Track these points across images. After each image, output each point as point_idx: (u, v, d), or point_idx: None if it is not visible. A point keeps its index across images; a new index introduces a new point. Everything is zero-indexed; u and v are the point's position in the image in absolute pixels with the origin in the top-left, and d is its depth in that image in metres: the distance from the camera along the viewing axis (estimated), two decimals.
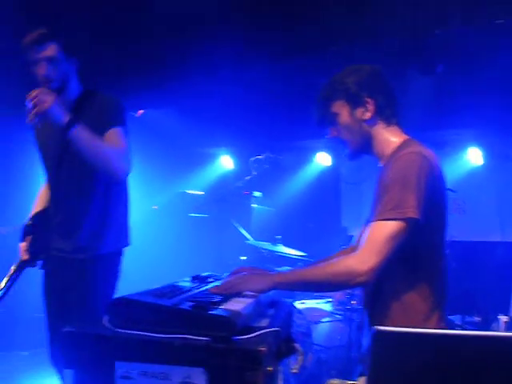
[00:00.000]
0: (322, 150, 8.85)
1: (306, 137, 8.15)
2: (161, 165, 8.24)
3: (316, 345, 5.69)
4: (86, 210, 3.73)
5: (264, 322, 2.33)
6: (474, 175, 8.40)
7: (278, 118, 7.45)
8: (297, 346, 2.44)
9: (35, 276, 4.02)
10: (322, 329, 5.93)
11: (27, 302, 7.38)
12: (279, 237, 6.46)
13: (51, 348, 3.83)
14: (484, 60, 5.62)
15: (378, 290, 2.66)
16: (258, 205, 7.76)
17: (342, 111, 2.79)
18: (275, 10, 5.37)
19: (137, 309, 2.13)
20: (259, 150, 6.63)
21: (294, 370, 2.33)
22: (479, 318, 7.37)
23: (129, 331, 2.09)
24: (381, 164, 2.80)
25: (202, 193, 8.38)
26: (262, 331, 2.11)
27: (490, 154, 8.24)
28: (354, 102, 2.77)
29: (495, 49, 5.28)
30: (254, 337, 2.05)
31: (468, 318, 7.51)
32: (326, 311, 6.14)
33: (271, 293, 2.62)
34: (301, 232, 8.07)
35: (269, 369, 1.99)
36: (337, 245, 6.95)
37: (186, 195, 8.27)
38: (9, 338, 7.15)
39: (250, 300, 2.41)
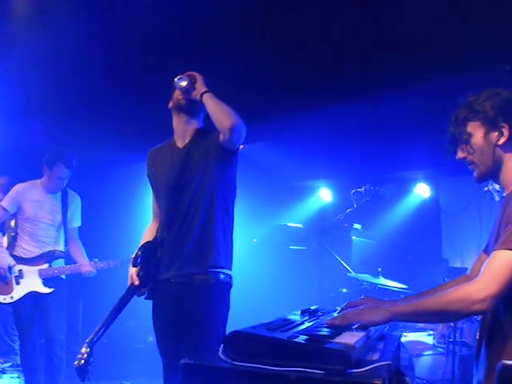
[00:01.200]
0: (421, 181, 8.77)
1: (406, 168, 8.11)
2: (261, 198, 8.32)
3: (418, 378, 5.62)
4: (207, 236, 3.88)
5: (375, 356, 2.35)
6: None
7: (378, 150, 7.44)
8: (407, 379, 2.44)
9: (137, 307, 4.13)
10: (425, 362, 5.86)
11: (130, 333, 7.56)
12: (380, 269, 6.43)
13: (165, 378, 3.93)
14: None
15: (497, 323, 2.61)
16: (358, 237, 7.74)
17: (477, 132, 2.77)
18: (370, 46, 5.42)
19: (253, 342, 2.17)
20: (358, 182, 6.64)
21: None
22: None
23: (245, 364, 2.14)
24: (506, 193, 2.77)
25: (301, 225, 8.42)
26: (375, 364, 2.13)
27: None
28: (490, 125, 2.74)
29: None
30: (368, 370, 2.07)
31: None
32: (427, 344, 6.06)
33: (380, 326, 2.65)
34: (401, 264, 7.98)
35: None
36: (438, 277, 6.88)
37: (286, 228, 8.32)
38: (111, 368, 7.29)
39: (361, 333, 2.43)
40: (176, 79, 3.89)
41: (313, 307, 3.09)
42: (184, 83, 3.88)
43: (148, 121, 6.82)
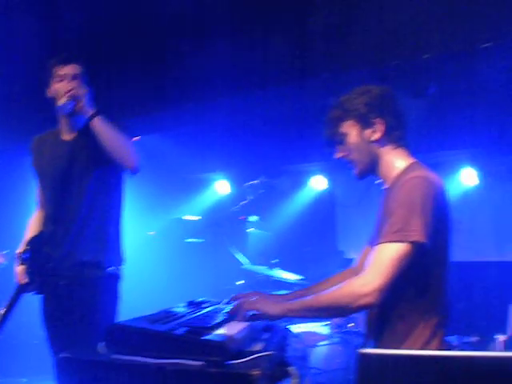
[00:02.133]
0: (316, 174, 8.86)
1: (301, 161, 8.17)
2: (157, 191, 8.25)
3: (314, 368, 5.67)
4: (95, 229, 3.83)
5: (258, 347, 2.34)
6: (468, 196, 8.41)
7: (273, 143, 7.47)
8: (291, 369, 2.44)
9: (32, 302, 4.02)
10: (320, 352, 5.91)
11: (25, 329, 7.38)
12: (276, 261, 6.46)
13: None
14: (475, 81, 5.67)
15: (383, 314, 2.66)
16: (254, 229, 7.76)
17: (351, 131, 2.82)
18: (268, 35, 5.43)
19: (132, 335, 2.14)
20: (254, 174, 6.65)
21: None
22: (476, 339, 7.37)
23: (124, 357, 2.11)
24: (386, 186, 2.82)
25: (199, 218, 8.39)
26: (255, 355, 2.12)
27: (484, 174, 8.26)
28: (364, 123, 2.79)
29: (484, 71, 5.33)
30: (247, 361, 2.06)
31: (465, 339, 7.51)
32: (323, 335, 6.12)
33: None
34: (297, 256, 8.06)
35: None
36: (333, 268, 6.96)
37: (182, 221, 8.27)
38: (7, 365, 7.12)
39: (243, 325, 2.42)
40: (60, 103, 3.71)
41: (199, 299, 3.07)
42: (68, 107, 3.70)
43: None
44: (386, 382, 1.63)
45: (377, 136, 2.79)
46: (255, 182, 6.02)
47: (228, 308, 2.68)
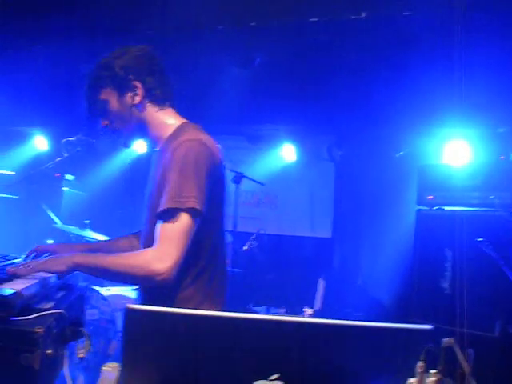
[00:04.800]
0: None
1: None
2: None
3: (120, 332, 5.64)
4: None
5: (49, 305, 2.27)
6: (287, 171, 8.61)
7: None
8: (83, 330, 2.38)
9: None
10: None
11: None
12: (87, 221, 6.35)
13: None
14: (303, 54, 5.77)
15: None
16: (70, 188, 7.56)
17: (111, 98, 2.70)
18: None
19: None
20: (75, 132, 6.46)
21: (81, 355, 2.26)
22: (284, 310, 7.61)
23: None
24: (158, 148, 2.75)
25: (13, 173, 8.07)
26: (42, 313, 2.05)
27: (303, 151, 8.46)
28: (122, 88, 2.69)
29: (314, 46, 5.44)
30: (33, 318, 1.99)
31: (274, 310, 7.73)
32: (132, 299, 6.09)
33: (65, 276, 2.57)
34: (109, 218, 7.96)
35: (48, 352, 1.94)
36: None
37: None
38: None
39: (34, 281, 2.33)
40: None
41: None
42: None
43: None
44: (148, 336, 1.63)
45: (138, 99, 2.70)
46: (72, 138, 5.82)
47: (14, 267, 2.55)
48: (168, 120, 2.74)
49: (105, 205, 8.42)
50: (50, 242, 6.60)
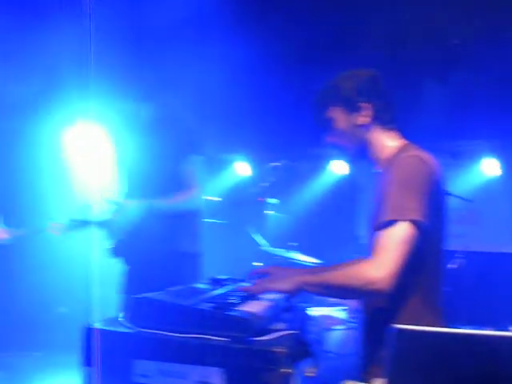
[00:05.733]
0: (337, 159, 8.82)
1: (322, 144, 8.14)
2: None
3: (329, 352, 5.69)
4: None
5: (280, 325, 2.35)
6: (489, 186, 8.36)
7: (295, 125, 7.45)
8: (312, 350, 2.45)
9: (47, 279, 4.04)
10: (335, 336, 5.92)
11: (41, 304, 7.44)
12: (294, 244, 6.46)
13: None
14: (500, 70, 5.63)
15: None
16: (274, 212, 7.74)
17: (338, 117, 2.79)
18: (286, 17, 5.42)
19: (157, 308, 2.16)
20: (275, 157, 6.63)
21: (310, 374, 2.33)
22: (493, 329, 7.36)
23: (148, 330, 2.13)
24: (380, 169, 2.79)
25: (219, 199, 8.38)
26: (279, 333, 2.14)
27: (506, 164, 8.20)
28: (350, 108, 2.76)
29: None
30: (272, 339, 2.08)
31: (481, 329, 7.50)
32: (339, 319, 6.13)
33: (288, 298, 2.65)
34: (315, 239, 8.06)
35: (285, 370, 2.01)
36: (349, 253, 6.96)
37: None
38: (23, 339, 7.19)
39: (267, 303, 2.44)
40: None
41: (220, 276, 3.08)
42: None
43: None
44: (419, 357, 1.64)
45: (364, 120, 2.76)
46: (276, 164, 5.98)
47: (246, 285, 2.68)
48: (390, 142, 2.78)
49: (309, 227, 8.53)
50: (259, 264, 6.78)
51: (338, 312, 6.16)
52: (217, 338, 2.03)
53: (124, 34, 4.95)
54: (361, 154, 2.85)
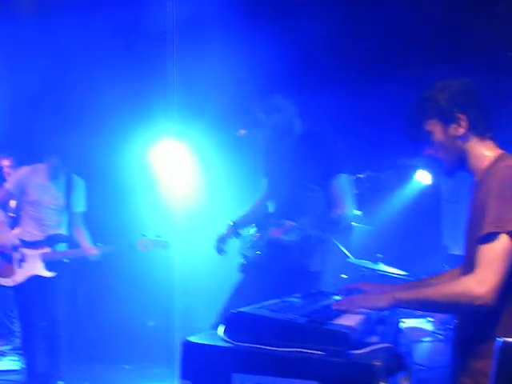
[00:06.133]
0: (421, 168, 8.73)
1: (407, 154, 8.08)
2: None
3: (417, 364, 5.63)
4: None
5: (374, 338, 2.37)
6: None
7: (379, 136, 7.42)
8: (406, 363, 2.45)
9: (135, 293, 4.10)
10: (424, 348, 5.87)
11: (130, 318, 7.57)
12: (380, 255, 6.43)
13: None
14: None
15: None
16: (358, 223, 7.72)
17: (436, 129, 2.79)
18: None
19: (254, 323, 2.20)
20: (359, 168, 6.62)
21: None
22: None
23: (246, 344, 2.17)
24: (476, 179, 2.78)
25: None
26: (375, 346, 2.15)
27: None
28: (447, 119, 2.76)
29: None
30: (368, 352, 2.10)
31: None
32: (427, 331, 6.07)
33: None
34: (401, 251, 7.99)
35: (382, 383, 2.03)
36: (437, 264, 6.87)
37: None
38: (113, 351, 7.30)
39: (361, 316, 2.46)
40: None
41: (312, 291, 3.12)
42: None
43: None
44: None
45: (461, 131, 2.75)
46: (361, 175, 5.99)
47: (340, 301, 2.71)
48: (487, 152, 2.77)
49: (395, 238, 8.45)
50: (344, 276, 6.78)
51: (424, 324, 6.11)
52: (314, 351, 2.06)
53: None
54: (458, 165, 2.84)
